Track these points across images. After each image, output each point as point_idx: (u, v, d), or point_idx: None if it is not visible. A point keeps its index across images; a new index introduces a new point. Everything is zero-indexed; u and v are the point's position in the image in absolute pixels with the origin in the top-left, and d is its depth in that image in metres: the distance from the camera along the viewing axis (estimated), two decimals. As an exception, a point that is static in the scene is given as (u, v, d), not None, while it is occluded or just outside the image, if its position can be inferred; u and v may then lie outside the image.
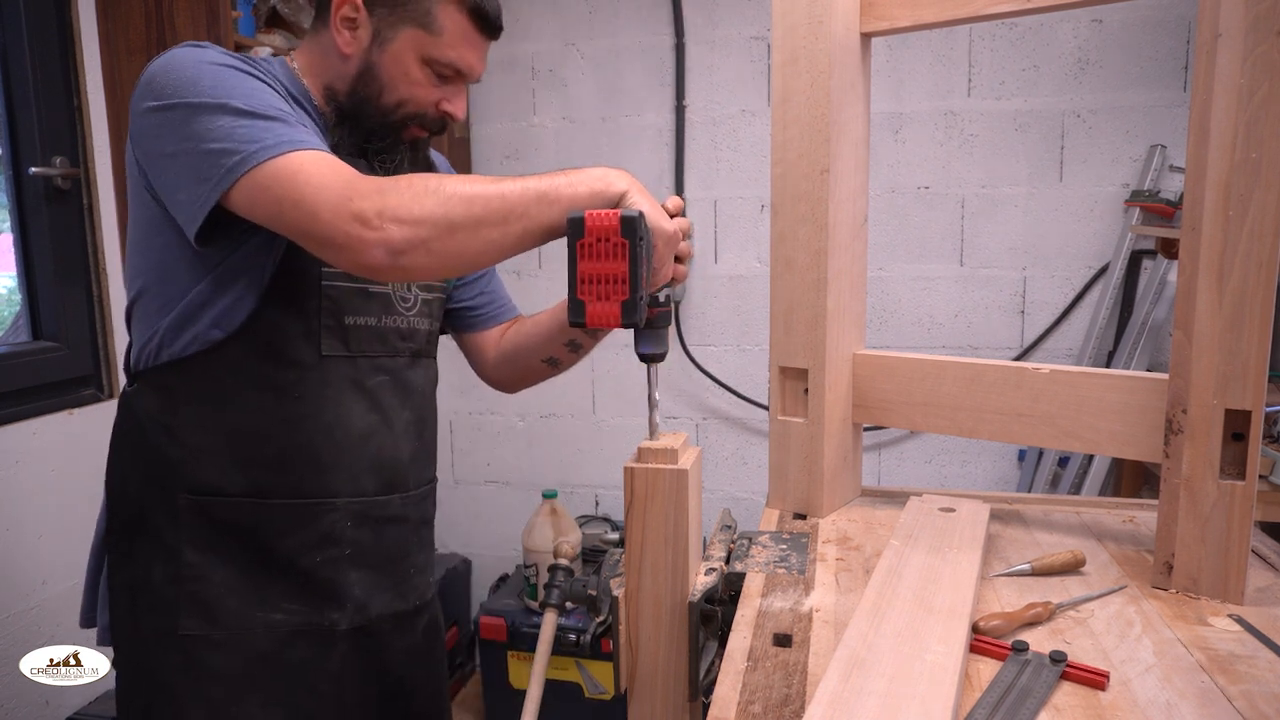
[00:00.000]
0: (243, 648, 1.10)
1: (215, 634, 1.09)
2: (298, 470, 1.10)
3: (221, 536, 1.09)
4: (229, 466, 1.09)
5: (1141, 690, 0.82)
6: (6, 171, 1.92)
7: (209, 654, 1.09)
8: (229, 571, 1.09)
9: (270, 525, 1.10)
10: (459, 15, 1.09)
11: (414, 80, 1.11)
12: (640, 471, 0.99)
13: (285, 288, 1.07)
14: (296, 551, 1.11)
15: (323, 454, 1.11)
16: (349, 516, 1.14)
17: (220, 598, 1.09)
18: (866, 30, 1.26)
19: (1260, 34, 0.92)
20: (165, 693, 1.10)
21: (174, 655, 1.09)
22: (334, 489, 1.12)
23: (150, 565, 1.10)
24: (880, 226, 2.66)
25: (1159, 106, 2.49)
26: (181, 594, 1.08)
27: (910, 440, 2.78)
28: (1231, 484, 0.99)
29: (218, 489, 1.09)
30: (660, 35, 2.73)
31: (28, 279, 1.96)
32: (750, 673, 0.88)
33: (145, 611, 1.11)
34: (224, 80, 0.98)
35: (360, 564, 1.16)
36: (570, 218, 0.94)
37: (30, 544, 1.88)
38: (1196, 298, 0.99)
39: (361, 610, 1.17)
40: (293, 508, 1.10)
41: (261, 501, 1.10)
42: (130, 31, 2.04)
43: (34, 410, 1.90)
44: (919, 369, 1.29)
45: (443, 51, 1.10)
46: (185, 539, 1.09)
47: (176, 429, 1.09)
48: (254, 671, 1.10)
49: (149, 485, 1.11)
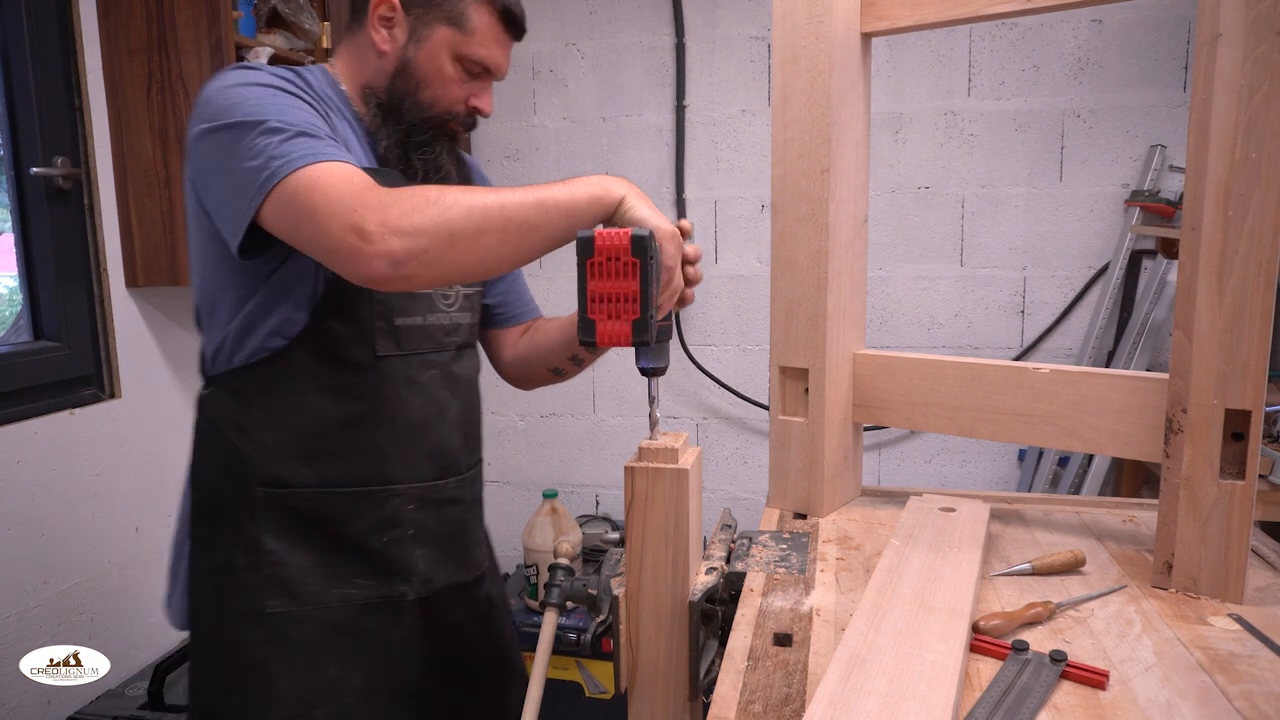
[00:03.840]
0: (321, 621, 1.18)
1: (296, 610, 1.17)
2: (361, 462, 1.18)
3: (296, 524, 1.17)
4: (298, 461, 1.16)
5: (1141, 690, 0.82)
6: (7, 171, 1.92)
7: (292, 628, 1.17)
8: (305, 554, 1.18)
9: (339, 512, 1.18)
10: (489, 15, 1.16)
11: (447, 77, 1.17)
12: (641, 471, 1.00)
13: (337, 295, 1.13)
14: (365, 534, 1.20)
15: (384, 446, 1.19)
16: (410, 501, 1.22)
17: (299, 578, 1.17)
18: (867, 30, 1.26)
19: (1260, 34, 0.92)
20: (253, 665, 1.17)
21: (259, 631, 1.17)
22: (395, 477, 1.20)
23: (232, 552, 1.17)
24: (880, 226, 2.66)
25: (1159, 106, 2.49)
26: (263, 577, 1.16)
27: (910, 440, 2.78)
28: (1231, 484, 0.99)
29: (289, 482, 1.16)
30: (660, 35, 2.73)
31: (29, 279, 1.96)
32: (750, 672, 0.88)
33: (230, 594, 1.17)
34: (265, 101, 1.03)
35: (423, 542, 1.24)
36: (580, 236, 0.95)
37: (31, 544, 1.88)
38: (1196, 297, 0.99)
39: (427, 583, 1.25)
40: (358, 496, 1.19)
41: (330, 491, 1.17)
42: (131, 31, 2.04)
43: (35, 410, 1.90)
44: (919, 369, 1.29)
45: (474, 49, 1.16)
46: (263, 528, 1.16)
47: (249, 428, 1.16)
48: (332, 641, 1.19)
49: (227, 480, 1.17)
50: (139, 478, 2.18)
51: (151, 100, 2.06)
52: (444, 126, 1.20)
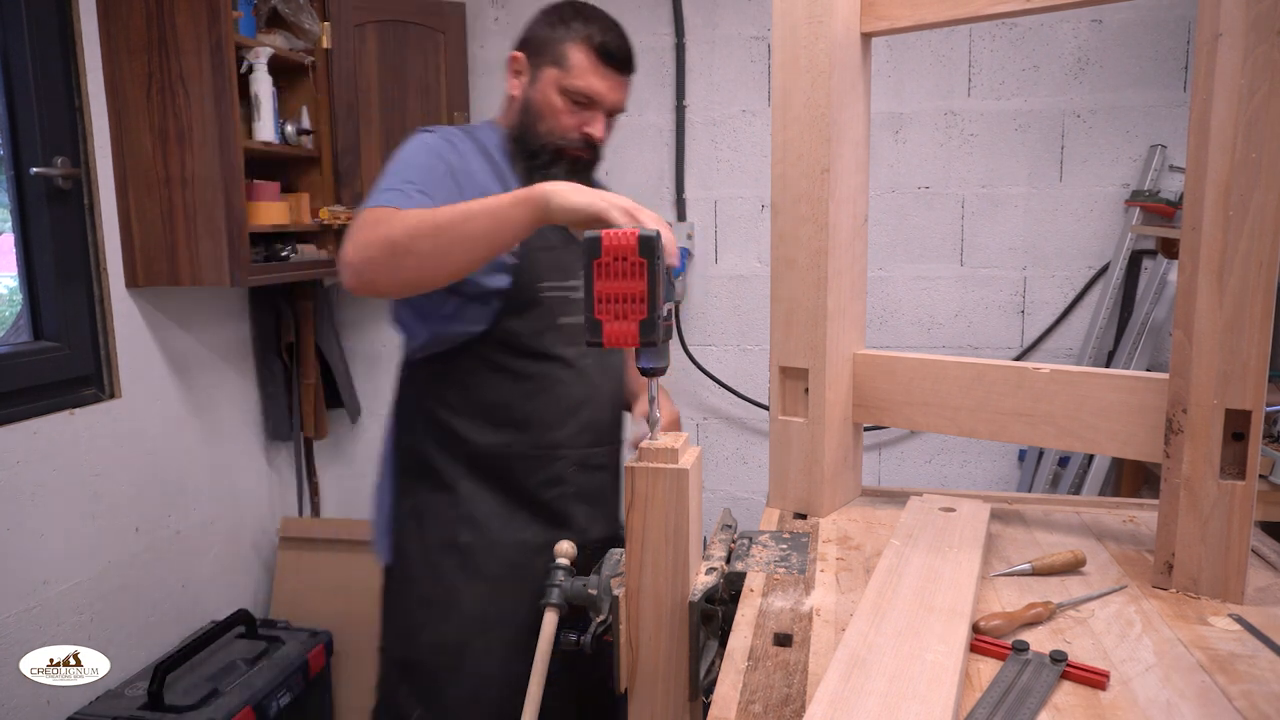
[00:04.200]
0: (501, 556, 1.47)
1: (483, 543, 1.47)
2: (533, 431, 1.47)
3: (484, 476, 1.48)
4: (485, 428, 1.47)
5: (1142, 690, 0.82)
6: (7, 171, 1.92)
7: (479, 558, 1.47)
8: (491, 501, 1.48)
9: (516, 469, 1.47)
10: (585, 51, 1.41)
11: (556, 109, 1.42)
12: (641, 471, 1.00)
13: (515, 300, 1.41)
14: (536, 489, 1.48)
15: (550, 419, 1.47)
16: (572, 463, 1.50)
17: (487, 518, 1.47)
18: (867, 30, 1.26)
19: (1260, 34, 0.92)
20: (446, 587, 1.47)
21: (454, 558, 1.47)
22: (560, 443, 1.48)
23: (433, 496, 1.49)
24: (880, 226, 2.66)
25: (1159, 106, 2.49)
26: (459, 515, 1.47)
27: (910, 440, 2.78)
28: (1232, 484, 0.99)
29: (478, 443, 1.47)
30: (660, 35, 2.73)
31: (29, 279, 1.96)
32: (751, 672, 0.88)
33: (431, 528, 1.48)
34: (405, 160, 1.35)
35: (582, 500, 1.51)
36: (587, 237, 0.95)
37: (30, 544, 1.88)
38: (1197, 297, 0.99)
39: (583, 534, 1.46)
40: (531, 457, 1.47)
41: (509, 452, 1.47)
42: (131, 31, 2.04)
43: (35, 410, 1.90)
44: (919, 369, 1.29)
45: (573, 82, 1.41)
46: (459, 477, 1.48)
47: (447, 401, 1.47)
48: (509, 574, 1.47)
49: (430, 441, 1.49)
50: (139, 478, 2.18)
51: (151, 100, 2.06)
52: (561, 152, 1.43)
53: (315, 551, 2.66)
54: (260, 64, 2.19)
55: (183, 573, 2.34)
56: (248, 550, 2.62)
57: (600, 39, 1.40)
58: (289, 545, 2.68)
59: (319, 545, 2.66)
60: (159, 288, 2.19)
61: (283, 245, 2.36)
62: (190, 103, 2.05)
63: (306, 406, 2.75)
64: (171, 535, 2.29)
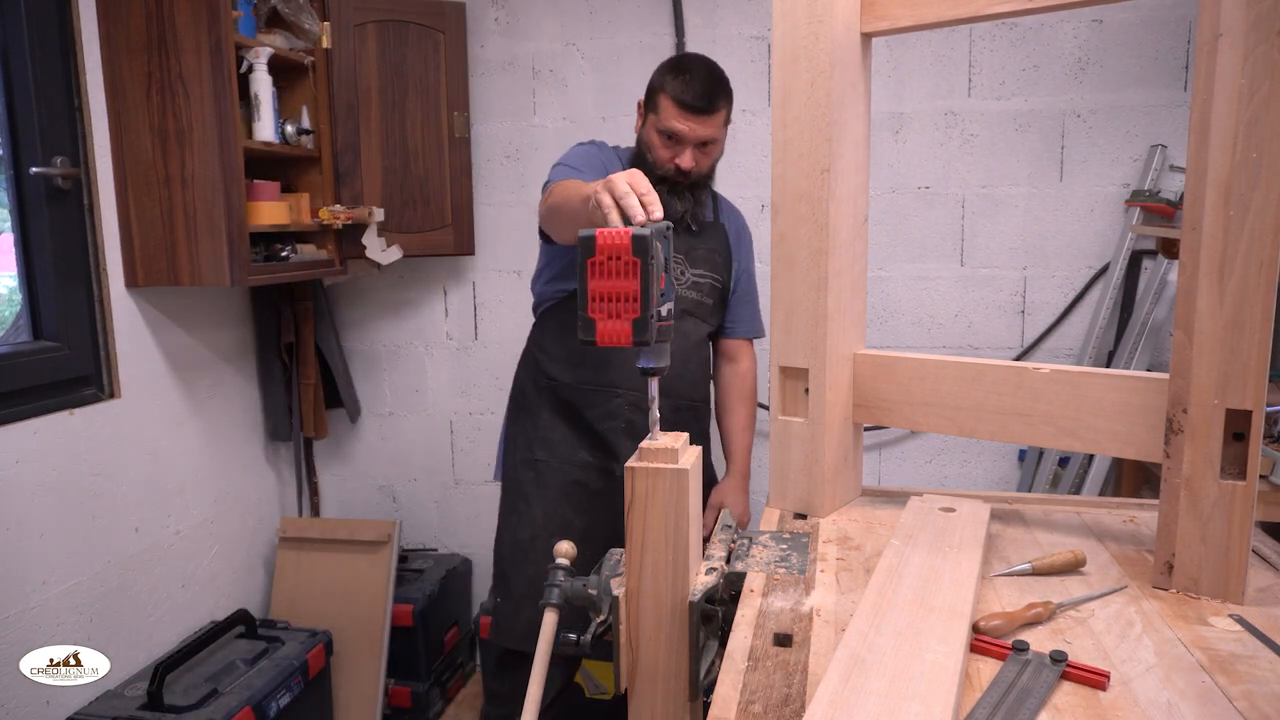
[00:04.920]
0: (566, 473, 1.87)
1: (553, 461, 1.87)
2: (600, 372, 1.84)
3: (559, 406, 1.88)
4: (565, 368, 1.87)
5: (1142, 690, 0.82)
6: (7, 171, 1.92)
7: (549, 474, 1.87)
8: (562, 427, 1.88)
9: (583, 401, 1.85)
10: (669, 100, 1.76)
11: (655, 144, 1.79)
12: (641, 471, 1.00)
13: None
14: (596, 420, 1.85)
15: (614, 363, 1.83)
16: (627, 403, 1.84)
17: (557, 442, 1.87)
18: (867, 30, 1.26)
19: (1261, 34, 0.92)
20: (524, 496, 1.89)
21: (530, 472, 1.89)
22: (618, 384, 1.84)
23: (524, 421, 1.92)
24: (880, 226, 2.65)
25: (1159, 106, 2.49)
26: (537, 438, 1.89)
27: (910, 440, 2.77)
28: (1232, 484, 0.99)
29: (559, 379, 1.88)
30: (660, 35, 2.73)
31: (28, 279, 1.96)
32: (751, 672, 0.88)
33: (518, 448, 1.92)
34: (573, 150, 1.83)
35: (631, 436, 1.82)
36: (581, 235, 0.95)
37: (30, 544, 1.88)
38: (1197, 297, 0.99)
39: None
40: (595, 392, 1.85)
41: (580, 387, 1.86)
42: (131, 31, 2.04)
43: (35, 410, 1.90)
44: (919, 369, 1.29)
45: (662, 125, 1.77)
46: (542, 406, 1.89)
47: (544, 346, 1.91)
48: (571, 489, 1.87)
49: (529, 377, 1.93)
50: (139, 478, 2.18)
51: (151, 100, 2.06)
52: (664, 179, 1.77)
53: (315, 551, 2.66)
54: (260, 64, 2.19)
55: (183, 573, 2.33)
56: (247, 550, 2.62)
57: (679, 89, 1.73)
58: (289, 545, 2.68)
59: (319, 545, 2.66)
60: (159, 287, 2.18)
61: (283, 245, 2.36)
62: (190, 103, 2.05)
63: (306, 406, 2.75)
64: (171, 535, 2.29)
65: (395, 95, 2.55)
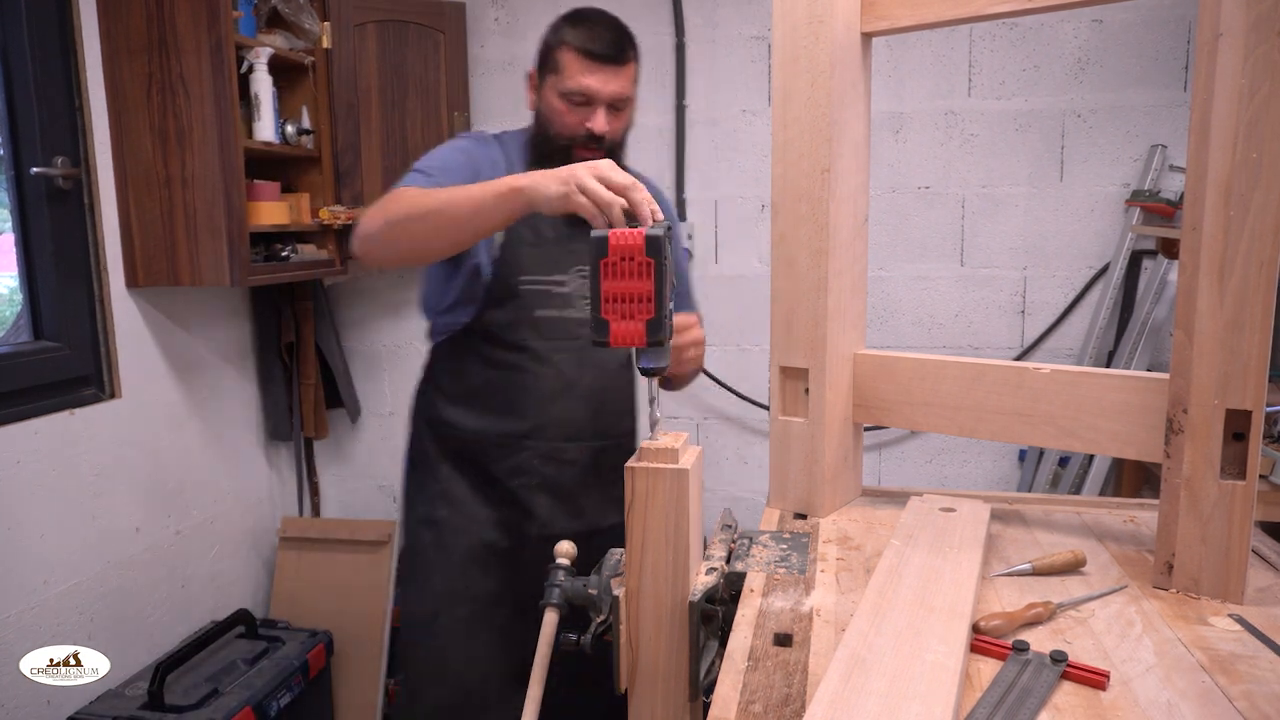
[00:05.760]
0: (471, 534, 1.59)
1: (456, 521, 1.58)
2: (504, 419, 1.56)
3: (460, 457, 1.60)
4: (465, 414, 1.58)
5: (1142, 690, 0.82)
6: (8, 171, 1.92)
7: (451, 535, 1.59)
8: (466, 481, 1.59)
9: (487, 454, 1.57)
10: (572, 53, 1.48)
11: (558, 110, 1.50)
12: (641, 471, 1.00)
13: (495, 292, 1.52)
14: (503, 475, 1.57)
15: (522, 409, 1.55)
16: (537, 456, 1.56)
17: (461, 498, 1.59)
18: (867, 30, 1.26)
19: (1261, 34, 0.92)
20: (424, 562, 1.61)
21: (430, 533, 1.60)
22: (527, 435, 1.56)
23: (422, 472, 1.64)
24: (880, 226, 2.65)
25: (1159, 106, 2.49)
26: (437, 493, 1.60)
27: (910, 440, 2.77)
28: (1232, 484, 0.99)
29: (457, 425, 1.59)
30: (660, 35, 2.73)
31: (29, 279, 1.96)
32: (751, 672, 0.88)
33: (420, 502, 1.64)
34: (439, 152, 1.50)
35: (545, 491, 1.58)
36: (594, 236, 0.95)
37: (30, 544, 1.88)
38: (1197, 297, 0.99)
39: (545, 525, 1.56)
40: (500, 443, 1.57)
41: (482, 438, 1.57)
42: (131, 31, 2.04)
43: (35, 410, 1.90)
44: (919, 369, 1.29)
45: (565, 84, 1.48)
46: (441, 456, 1.61)
47: (440, 386, 1.62)
48: (477, 550, 1.59)
49: (424, 419, 1.64)
50: (139, 478, 2.18)
51: (151, 100, 2.06)
52: (569, 150, 1.49)
53: (315, 551, 2.66)
54: (260, 64, 2.19)
55: (183, 573, 2.33)
56: (248, 550, 2.62)
57: (585, 39, 1.48)
58: (289, 545, 2.68)
59: (319, 545, 2.66)
60: (159, 287, 2.18)
61: (283, 245, 2.36)
62: (190, 103, 2.05)
63: (306, 406, 2.75)
64: (171, 535, 2.29)
65: (395, 95, 2.55)
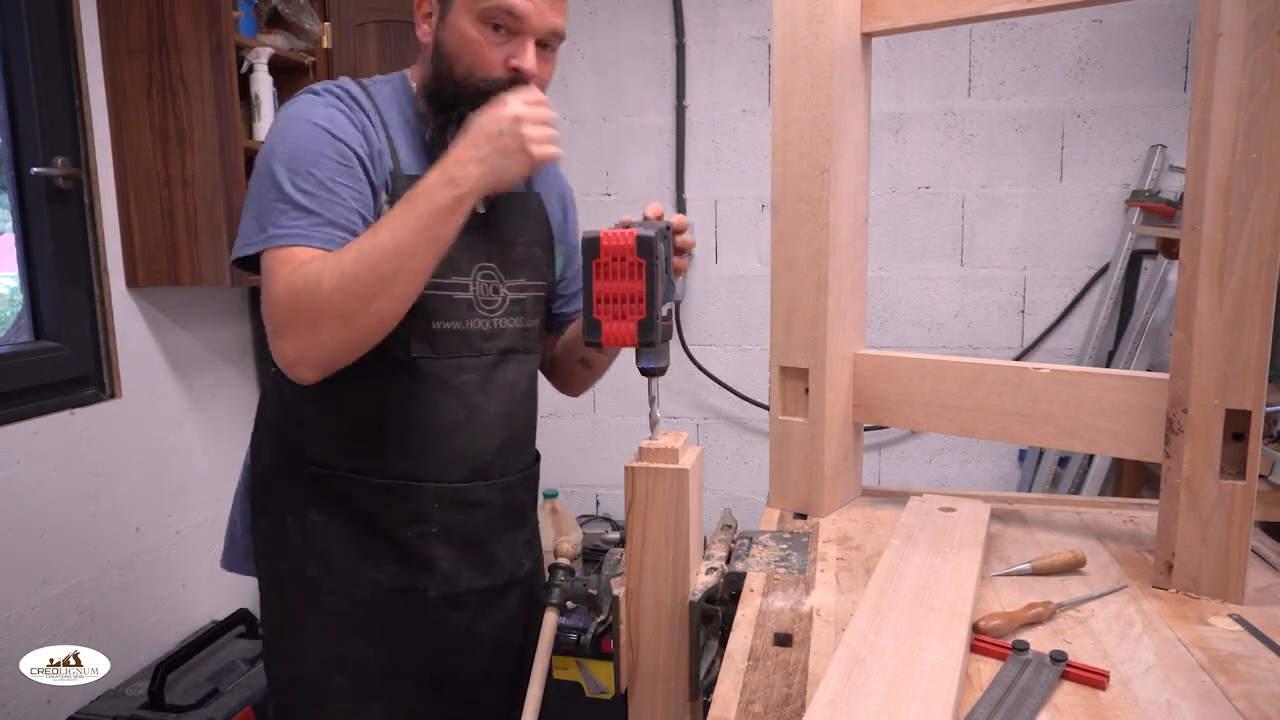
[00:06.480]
0: (352, 595, 1.24)
1: (331, 580, 1.24)
2: (391, 457, 1.22)
3: (336, 503, 1.23)
4: (338, 448, 1.23)
5: (1142, 690, 0.82)
6: (8, 171, 1.92)
7: (326, 596, 1.24)
8: (343, 532, 1.24)
9: (371, 500, 1.22)
10: None
11: (472, 41, 1.11)
12: (641, 471, 1.00)
13: None
14: (393, 524, 1.23)
15: (413, 444, 1.22)
16: (436, 499, 1.24)
17: (337, 552, 1.24)
18: (867, 30, 1.26)
19: (1261, 34, 0.92)
20: (294, 622, 1.27)
21: (300, 593, 1.25)
22: (422, 475, 1.23)
23: (284, 518, 1.26)
24: (880, 226, 2.66)
25: (1159, 106, 2.49)
26: (307, 544, 1.24)
27: (910, 440, 2.78)
28: (1232, 484, 0.99)
29: (331, 464, 1.23)
30: (660, 35, 2.73)
31: (29, 279, 1.96)
32: (751, 672, 0.88)
33: (279, 555, 1.27)
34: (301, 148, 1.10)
35: (447, 541, 1.26)
36: (585, 236, 0.95)
37: (30, 544, 1.88)
38: (1197, 297, 0.99)
39: (449, 582, 1.27)
40: (387, 487, 1.22)
41: (363, 479, 1.22)
42: (131, 31, 2.04)
43: (35, 410, 1.90)
44: (919, 369, 1.29)
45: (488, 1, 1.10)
46: (310, 501, 1.24)
47: (300, 412, 1.24)
48: (360, 615, 1.25)
49: (283, 454, 1.26)
50: (139, 478, 2.18)
51: (151, 100, 2.06)
52: (485, 97, 1.10)
53: (315, 551, 2.65)
54: (260, 64, 2.19)
55: (183, 573, 2.33)
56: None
57: None
58: (289, 545, 2.67)
59: (319, 545, 2.65)
60: (159, 288, 2.18)
61: (283, 245, 2.36)
62: (190, 103, 2.05)
63: (306, 406, 2.74)
64: (172, 535, 2.29)
65: (395, 95, 2.54)
